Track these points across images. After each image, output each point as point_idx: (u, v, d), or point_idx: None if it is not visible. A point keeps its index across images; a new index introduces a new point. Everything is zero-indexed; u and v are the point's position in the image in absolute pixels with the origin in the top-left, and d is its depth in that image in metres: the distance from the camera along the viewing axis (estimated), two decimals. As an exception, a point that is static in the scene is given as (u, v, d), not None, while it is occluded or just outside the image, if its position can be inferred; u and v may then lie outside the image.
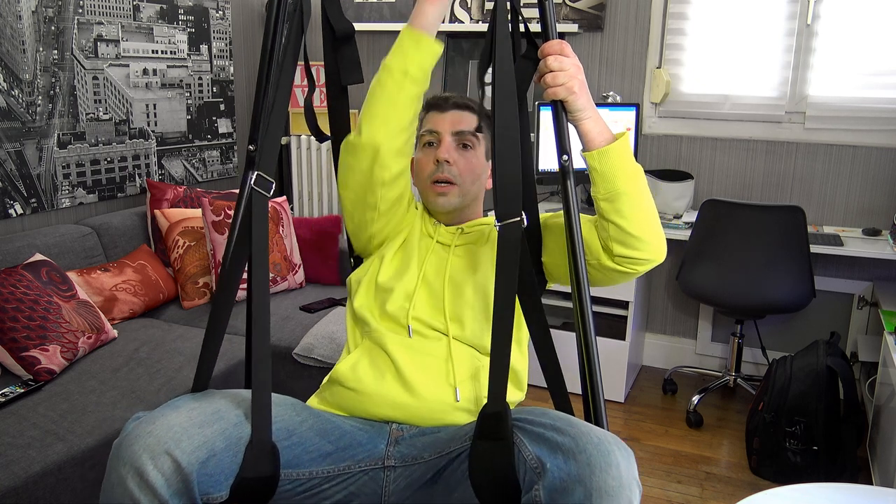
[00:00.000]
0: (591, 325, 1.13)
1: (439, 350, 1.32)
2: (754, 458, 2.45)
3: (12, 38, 2.40)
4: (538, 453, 0.99)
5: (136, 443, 1.01)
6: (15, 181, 2.46)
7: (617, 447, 0.97)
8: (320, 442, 1.22)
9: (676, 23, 3.06)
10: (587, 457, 0.94)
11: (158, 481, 0.99)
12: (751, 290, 2.58)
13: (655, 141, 3.15)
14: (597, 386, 1.11)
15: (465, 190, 1.44)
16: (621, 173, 1.18)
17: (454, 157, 1.42)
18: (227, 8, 3.34)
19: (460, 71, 3.41)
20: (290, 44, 1.18)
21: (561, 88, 1.14)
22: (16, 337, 1.99)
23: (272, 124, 1.17)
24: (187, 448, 1.02)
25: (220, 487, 1.06)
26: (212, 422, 1.07)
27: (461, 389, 1.29)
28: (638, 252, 1.21)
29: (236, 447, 1.08)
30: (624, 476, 0.94)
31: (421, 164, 1.46)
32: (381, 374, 1.31)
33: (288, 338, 2.40)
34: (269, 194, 1.17)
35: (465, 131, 1.43)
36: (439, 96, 1.49)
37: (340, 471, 1.22)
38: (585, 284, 1.14)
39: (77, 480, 1.71)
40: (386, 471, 1.24)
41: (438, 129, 1.43)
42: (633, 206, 1.19)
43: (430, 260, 1.41)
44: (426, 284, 1.38)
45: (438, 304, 1.36)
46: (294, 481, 1.19)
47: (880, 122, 2.82)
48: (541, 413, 1.06)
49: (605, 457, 0.95)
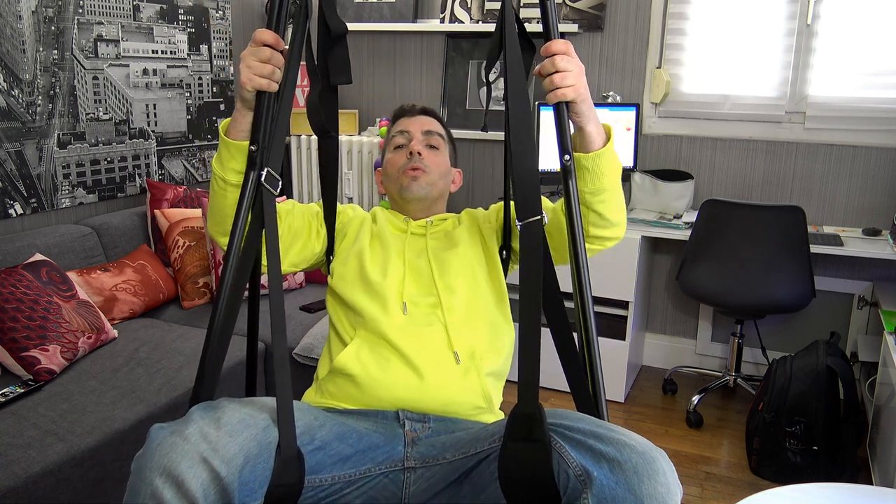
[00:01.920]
0: (593, 324, 1.12)
1: (434, 320, 1.36)
2: (754, 458, 2.45)
3: (12, 38, 2.40)
4: (582, 462, 0.99)
5: (172, 451, 0.95)
6: (15, 181, 2.46)
7: (661, 455, 0.99)
8: (340, 446, 1.21)
9: (676, 23, 3.06)
10: (633, 465, 0.96)
11: (198, 491, 0.94)
12: (751, 290, 2.58)
13: (655, 141, 3.15)
14: (598, 386, 1.11)
15: (434, 180, 1.54)
16: (609, 171, 1.25)
17: (425, 151, 1.54)
18: (227, 8, 3.34)
19: (460, 71, 3.41)
20: (295, 43, 1.17)
21: (570, 90, 1.14)
22: (16, 337, 1.99)
23: (278, 123, 1.17)
24: (225, 456, 0.98)
25: (255, 496, 1.03)
26: (241, 430, 1.03)
27: (459, 350, 1.33)
28: (610, 232, 1.33)
29: (268, 452, 1.05)
30: (671, 483, 0.97)
31: (392, 162, 1.56)
32: (386, 359, 1.32)
33: (288, 338, 2.40)
34: (277, 192, 1.17)
35: (433, 131, 1.57)
36: (406, 105, 1.64)
37: (361, 474, 1.21)
38: (587, 284, 1.13)
39: (77, 480, 1.71)
40: (406, 472, 1.23)
41: (409, 129, 1.56)
42: (614, 198, 1.29)
43: (408, 248, 1.47)
44: (412, 268, 1.43)
45: (427, 279, 1.41)
46: (316, 488, 1.17)
47: (880, 122, 2.82)
48: (577, 418, 1.05)
49: (651, 464, 0.96)
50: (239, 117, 1.23)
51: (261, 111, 1.18)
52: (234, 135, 1.24)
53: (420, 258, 1.45)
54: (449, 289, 1.39)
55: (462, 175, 1.69)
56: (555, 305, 1.16)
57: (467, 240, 1.47)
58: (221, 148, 1.26)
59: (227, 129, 1.26)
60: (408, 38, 3.51)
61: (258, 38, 1.17)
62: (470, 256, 1.45)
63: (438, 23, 3.38)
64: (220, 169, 1.27)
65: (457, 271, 1.42)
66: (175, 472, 0.93)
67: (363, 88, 3.64)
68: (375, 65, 3.59)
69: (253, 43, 1.17)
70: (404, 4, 3.40)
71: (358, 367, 1.32)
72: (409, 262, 1.44)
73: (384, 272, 1.41)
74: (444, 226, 1.53)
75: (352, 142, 3.31)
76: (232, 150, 1.24)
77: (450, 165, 1.60)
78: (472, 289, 1.41)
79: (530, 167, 1.11)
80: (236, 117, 1.24)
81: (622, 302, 2.89)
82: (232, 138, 1.24)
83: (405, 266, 1.43)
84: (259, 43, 1.17)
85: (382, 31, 3.50)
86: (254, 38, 1.17)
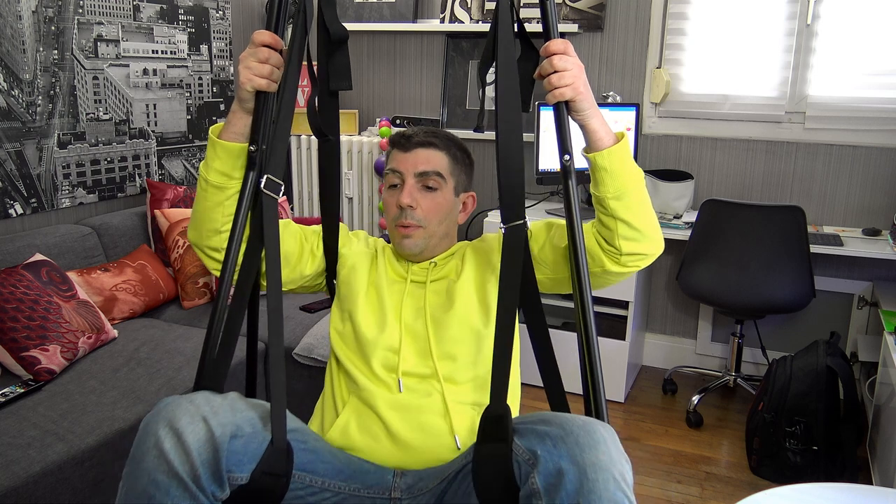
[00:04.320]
0: (593, 325, 1.12)
1: (434, 405, 1.30)
2: (754, 457, 2.45)
3: (12, 38, 2.40)
4: (528, 445, 1.01)
5: (178, 408, 1.04)
6: (15, 181, 2.46)
7: (601, 426, 1.01)
8: (333, 459, 1.22)
9: (676, 23, 3.06)
10: (574, 437, 0.98)
11: (194, 444, 1.01)
12: (751, 290, 2.58)
13: (655, 141, 3.15)
14: (598, 385, 1.11)
15: (432, 231, 1.42)
16: (628, 171, 1.21)
17: (417, 199, 1.40)
18: (227, 8, 3.34)
19: (460, 71, 3.41)
20: (295, 44, 1.17)
21: (567, 89, 1.14)
22: (16, 337, 1.99)
23: (279, 127, 1.17)
24: (223, 421, 1.05)
25: (243, 468, 1.07)
26: (243, 409, 1.10)
27: (460, 437, 1.28)
28: (643, 246, 1.25)
29: (262, 437, 1.09)
30: (612, 450, 0.98)
31: (387, 205, 1.45)
32: (375, 437, 1.29)
33: (288, 338, 2.40)
34: (279, 196, 1.17)
35: (428, 172, 1.40)
36: (404, 133, 1.44)
37: (351, 492, 1.21)
38: (587, 284, 1.14)
39: (77, 480, 1.71)
40: (392, 502, 1.23)
41: (401, 170, 1.41)
42: (638, 200, 1.23)
43: (406, 304, 1.39)
44: (409, 332, 1.36)
45: (424, 347, 1.35)
46: (307, 487, 1.18)
47: (880, 122, 2.82)
48: (534, 415, 1.07)
49: (591, 435, 0.98)
50: (234, 119, 1.22)
51: (260, 112, 1.18)
52: (226, 136, 1.24)
53: (417, 320, 1.37)
54: (447, 357, 1.34)
55: (476, 199, 1.53)
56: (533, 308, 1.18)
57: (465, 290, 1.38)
58: (208, 148, 1.25)
59: (220, 130, 1.25)
60: (408, 38, 3.51)
61: (257, 39, 1.17)
62: (468, 315, 1.35)
63: (438, 23, 3.38)
64: (204, 169, 1.26)
65: (455, 337, 1.34)
66: (177, 426, 1.02)
67: (363, 88, 3.64)
68: (375, 65, 3.59)
69: (252, 44, 1.18)
70: (404, 4, 3.40)
71: (347, 446, 1.30)
72: (405, 326, 1.37)
73: (380, 329, 1.37)
74: (447, 270, 1.43)
75: (352, 142, 3.31)
76: (217, 149, 1.23)
77: (454, 199, 1.46)
78: (472, 353, 1.34)
79: (516, 172, 1.11)
80: (231, 119, 1.23)
81: (622, 302, 2.89)
82: (223, 139, 1.23)
83: (401, 331, 1.36)
84: (258, 44, 1.17)
85: (382, 31, 3.50)
86: (252, 40, 1.18)
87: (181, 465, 1.00)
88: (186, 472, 1.00)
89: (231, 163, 1.23)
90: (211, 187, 1.24)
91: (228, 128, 1.23)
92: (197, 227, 1.30)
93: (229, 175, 1.23)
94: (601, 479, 0.95)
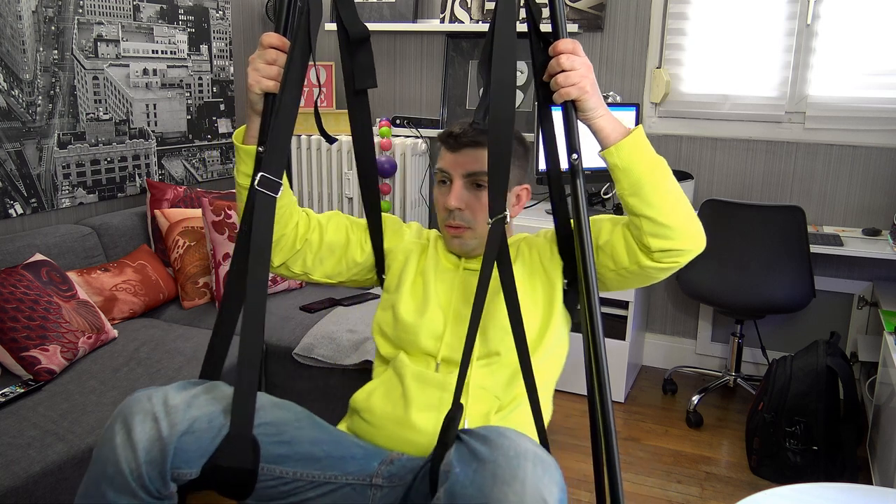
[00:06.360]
0: (600, 325, 1.12)
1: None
2: (754, 457, 2.45)
3: (12, 38, 2.40)
4: (455, 458, 0.99)
5: (135, 405, 1.09)
6: (15, 181, 2.46)
7: (532, 462, 0.93)
8: (311, 448, 1.22)
9: (676, 23, 3.06)
10: (493, 468, 0.93)
11: (141, 442, 1.05)
12: (751, 290, 2.58)
13: (655, 141, 3.15)
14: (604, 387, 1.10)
15: (481, 232, 1.40)
16: (640, 164, 1.18)
17: (466, 200, 1.38)
18: (227, 8, 3.34)
19: (460, 71, 3.41)
20: (296, 45, 1.17)
21: (573, 88, 1.13)
22: (16, 337, 1.99)
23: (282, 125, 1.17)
24: (173, 420, 1.07)
25: (191, 465, 1.08)
26: (203, 405, 1.12)
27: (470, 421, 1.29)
28: (674, 242, 1.20)
29: (218, 433, 1.10)
30: (528, 492, 0.90)
31: (438, 203, 1.44)
32: (394, 404, 1.33)
33: (288, 338, 2.40)
34: (277, 195, 1.17)
35: (477, 172, 1.38)
36: (452, 132, 1.41)
37: (326, 479, 1.22)
38: (594, 285, 1.13)
39: (77, 480, 1.71)
40: (373, 489, 1.24)
41: (449, 171, 1.40)
42: (658, 195, 1.18)
43: (456, 292, 1.40)
44: (456, 317, 1.37)
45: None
46: (277, 478, 1.19)
47: (880, 122, 2.82)
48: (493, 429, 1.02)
49: (512, 470, 0.92)
50: (250, 123, 1.27)
51: (267, 113, 1.19)
52: (247, 140, 1.29)
53: (467, 306, 1.37)
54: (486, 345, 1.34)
55: (530, 191, 1.49)
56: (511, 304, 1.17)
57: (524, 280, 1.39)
58: (236, 153, 1.30)
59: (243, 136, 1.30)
60: (408, 38, 3.51)
61: (265, 41, 1.20)
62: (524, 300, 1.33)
63: (438, 23, 3.38)
64: (236, 173, 1.32)
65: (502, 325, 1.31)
66: (129, 421, 1.07)
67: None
68: (375, 65, 3.58)
69: (260, 46, 1.20)
70: (404, 4, 3.40)
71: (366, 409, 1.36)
72: (453, 310, 1.37)
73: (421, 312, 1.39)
74: None
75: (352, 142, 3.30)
76: (241, 153, 1.29)
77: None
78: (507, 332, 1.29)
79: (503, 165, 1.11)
80: (248, 123, 1.28)
81: (622, 302, 2.89)
82: (245, 144, 1.29)
83: (447, 315, 1.37)
84: (265, 46, 1.20)
85: (382, 31, 3.50)
86: (260, 42, 1.20)
87: (126, 462, 1.05)
88: (131, 469, 1.05)
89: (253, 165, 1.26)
90: (242, 189, 1.30)
91: (248, 132, 1.28)
92: None
93: None
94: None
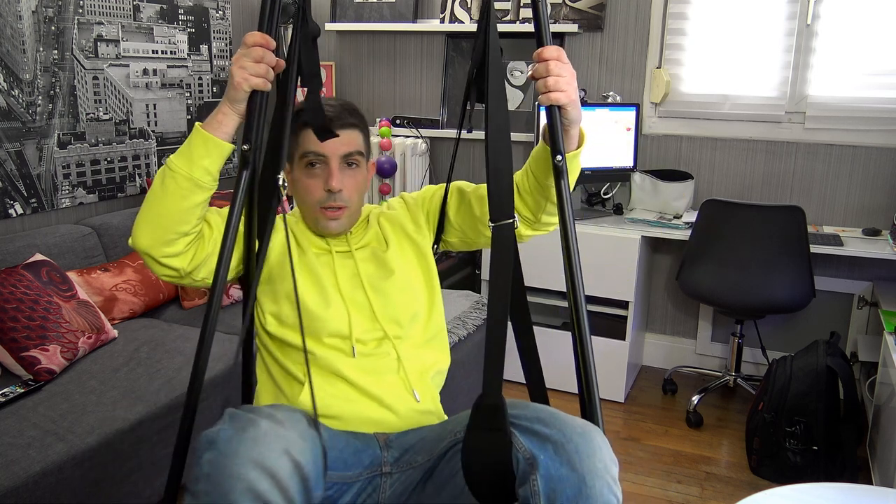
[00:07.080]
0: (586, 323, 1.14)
1: (388, 363, 1.36)
2: (754, 457, 2.45)
3: (12, 38, 2.41)
4: (530, 447, 1.05)
5: (257, 445, 0.97)
6: (15, 181, 2.46)
7: (597, 433, 1.07)
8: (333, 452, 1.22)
9: (676, 23, 3.06)
10: (575, 445, 1.03)
11: (290, 481, 0.96)
12: (751, 290, 2.58)
13: (655, 141, 3.15)
14: (592, 385, 1.13)
15: (354, 209, 1.43)
16: (576, 171, 1.29)
17: (344, 181, 1.38)
18: (227, 8, 3.34)
19: (460, 71, 3.41)
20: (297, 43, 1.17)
21: (563, 94, 1.16)
22: (16, 337, 1.99)
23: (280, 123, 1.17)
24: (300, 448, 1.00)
25: (319, 485, 1.04)
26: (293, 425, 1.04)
27: (418, 391, 1.35)
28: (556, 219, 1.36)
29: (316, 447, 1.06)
30: (607, 458, 1.05)
31: (307, 188, 1.39)
32: (347, 396, 1.32)
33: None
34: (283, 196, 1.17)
35: (352, 152, 1.39)
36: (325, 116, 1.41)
37: (354, 478, 1.23)
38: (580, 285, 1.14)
39: (77, 480, 1.71)
40: (383, 477, 1.25)
41: (325, 153, 1.36)
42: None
43: (340, 276, 1.40)
44: (352, 303, 1.38)
45: (368, 313, 1.38)
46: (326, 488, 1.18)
47: (880, 122, 2.82)
48: (523, 405, 1.11)
49: (590, 443, 1.04)
50: (226, 120, 1.20)
51: (254, 110, 1.18)
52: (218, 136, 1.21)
53: (356, 291, 1.39)
54: (393, 321, 1.38)
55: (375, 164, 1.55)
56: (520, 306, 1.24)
57: (399, 256, 1.43)
58: (195, 144, 1.20)
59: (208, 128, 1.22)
60: (408, 38, 3.51)
61: (249, 40, 1.16)
62: (412, 279, 1.42)
63: (438, 23, 3.38)
64: (187, 166, 1.20)
65: (396, 301, 1.39)
66: (267, 464, 0.95)
67: (363, 88, 3.64)
68: (375, 65, 3.59)
69: (244, 45, 1.17)
70: (404, 4, 3.40)
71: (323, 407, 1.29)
72: (347, 297, 1.38)
73: (325, 304, 1.36)
74: (368, 238, 1.46)
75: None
76: (210, 146, 1.20)
77: (366, 172, 1.46)
78: (424, 311, 1.42)
79: (505, 172, 1.14)
80: (221, 120, 1.20)
81: (622, 302, 2.89)
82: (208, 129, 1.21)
83: (344, 301, 1.38)
84: (250, 44, 1.16)
85: (382, 31, 3.50)
86: (244, 41, 1.17)
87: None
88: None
89: (220, 162, 1.22)
90: (194, 185, 1.21)
91: (219, 128, 1.20)
92: (155, 230, 1.23)
93: (214, 175, 1.22)
94: (598, 485, 1.01)
